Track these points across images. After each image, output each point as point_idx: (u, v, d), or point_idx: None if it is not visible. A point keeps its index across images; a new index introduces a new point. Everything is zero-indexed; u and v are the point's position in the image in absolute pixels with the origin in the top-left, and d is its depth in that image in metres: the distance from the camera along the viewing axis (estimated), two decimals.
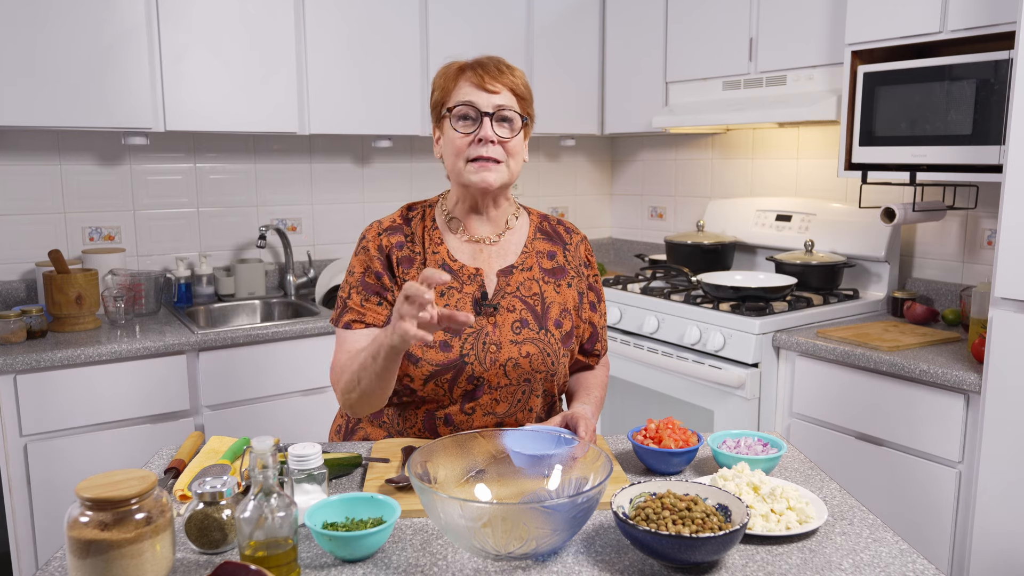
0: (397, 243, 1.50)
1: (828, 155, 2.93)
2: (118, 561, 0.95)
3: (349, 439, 1.59)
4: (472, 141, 1.42)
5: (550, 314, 1.50)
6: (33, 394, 2.23)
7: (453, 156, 1.45)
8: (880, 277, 2.74)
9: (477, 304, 1.46)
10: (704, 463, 1.40)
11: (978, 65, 2.07)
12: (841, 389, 2.26)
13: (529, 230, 1.57)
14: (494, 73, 1.43)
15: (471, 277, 1.48)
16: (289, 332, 2.59)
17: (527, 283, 1.51)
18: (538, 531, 1.00)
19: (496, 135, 1.42)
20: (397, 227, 1.53)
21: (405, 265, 1.49)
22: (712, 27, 2.88)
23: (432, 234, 1.52)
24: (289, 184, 3.18)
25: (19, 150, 2.68)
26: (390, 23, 2.91)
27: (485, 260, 1.51)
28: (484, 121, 1.41)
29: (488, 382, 1.44)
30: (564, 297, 1.53)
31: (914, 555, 1.08)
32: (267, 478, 1.01)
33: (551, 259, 1.56)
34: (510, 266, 1.51)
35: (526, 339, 1.46)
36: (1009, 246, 1.84)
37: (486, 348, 1.43)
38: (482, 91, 1.42)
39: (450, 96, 1.45)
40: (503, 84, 1.43)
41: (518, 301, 1.49)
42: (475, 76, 1.43)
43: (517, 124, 1.45)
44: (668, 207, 3.66)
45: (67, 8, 2.36)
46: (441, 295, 1.46)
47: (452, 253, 1.50)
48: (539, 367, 1.46)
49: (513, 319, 1.47)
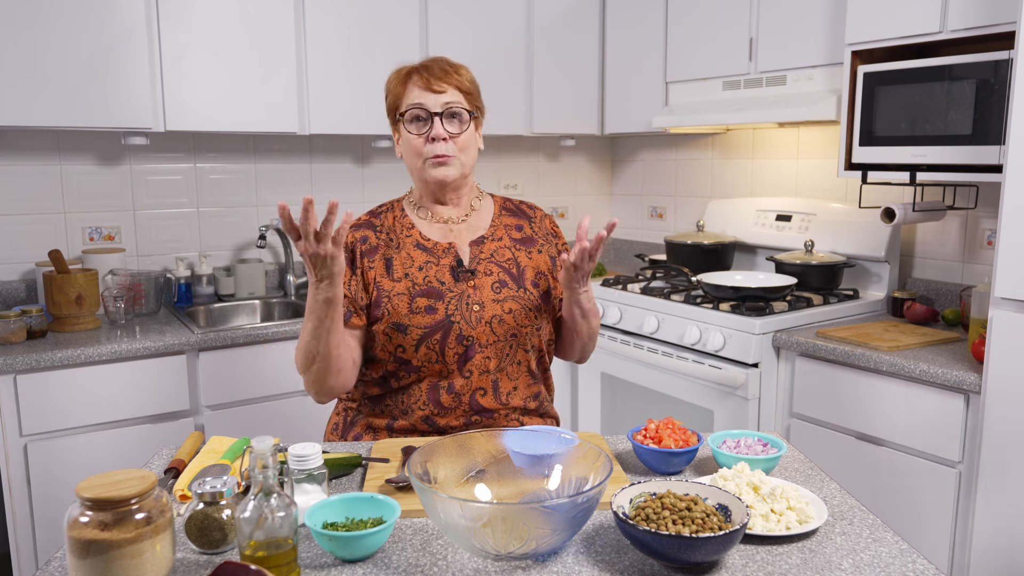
0: (361, 237, 1.59)
1: (828, 155, 2.93)
2: (118, 561, 0.95)
3: (349, 432, 1.60)
4: (426, 140, 1.52)
5: (526, 275, 1.59)
6: (33, 394, 2.23)
7: (412, 156, 1.56)
8: (880, 277, 2.74)
9: (454, 271, 1.56)
10: (704, 463, 1.40)
11: (978, 65, 2.07)
12: (841, 389, 2.26)
13: (495, 208, 1.68)
14: (439, 74, 1.52)
15: (445, 251, 1.58)
16: (289, 332, 2.59)
17: (500, 250, 1.61)
18: (538, 531, 1.00)
19: (447, 132, 1.52)
20: (364, 223, 1.62)
21: (370, 255, 1.57)
22: (712, 27, 2.88)
23: (403, 221, 1.62)
24: (289, 184, 3.18)
25: (19, 150, 2.68)
26: (390, 23, 2.91)
27: (456, 235, 1.61)
28: (435, 120, 1.51)
29: (478, 340, 1.52)
30: (536, 261, 1.62)
31: (914, 555, 1.08)
32: (267, 478, 1.01)
33: (519, 231, 1.66)
34: (480, 237, 1.61)
35: (507, 297, 1.55)
36: (1009, 246, 1.84)
37: (470, 308, 1.53)
38: (429, 92, 1.52)
39: (401, 100, 1.55)
40: (448, 83, 1.53)
41: (494, 266, 1.58)
42: (421, 79, 1.52)
43: (466, 118, 1.54)
44: (668, 207, 3.66)
45: (67, 8, 2.36)
46: (419, 269, 1.55)
47: (424, 234, 1.60)
48: (523, 322, 1.55)
49: (492, 281, 1.57)
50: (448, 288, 1.53)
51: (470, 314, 1.51)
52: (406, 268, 1.55)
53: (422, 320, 1.50)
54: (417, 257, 1.56)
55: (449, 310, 1.51)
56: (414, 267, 1.55)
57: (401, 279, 1.53)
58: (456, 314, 1.51)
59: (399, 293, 1.52)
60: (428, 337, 1.49)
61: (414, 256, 1.56)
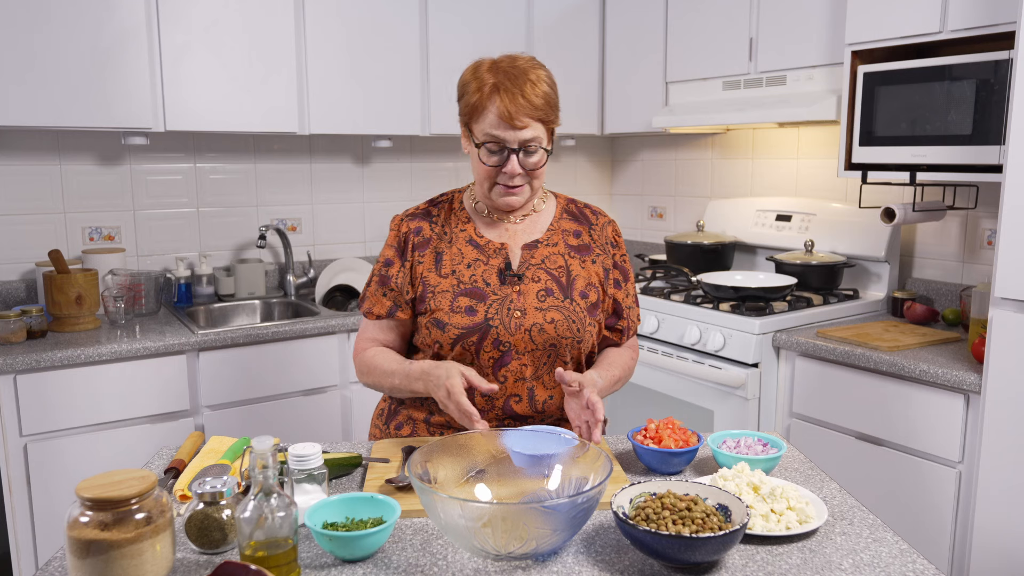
0: (415, 228, 1.57)
1: (828, 155, 2.93)
2: (118, 561, 0.95)
3: (392, 420, 1.61)
4: (498, 171, 1.48)
5: (575, 285, 1.54)
6: (33, 394, 2.23)
7: (480, 177, 1.52)
8: (880, 277, 2.74)
9: (501, 274, 1.52)
10: (704, 463, 1.40)
11: (978, 65, 2.07)
12: (841, 389, 2.26)
13: (556, 211, 1.63)
14: (520, 105, 1.42)
15: (496, 251, 1.55)
16: (289, 332, 2.60)
17: (552, 257, 1.56)
18: (538, 531, 1.00)
19: (522, 168, 1.47)
20: (420, 213, 1.60)
21: (421, 248, 1.56)
22: (712, 27, 2.88)
23: (460, 214, 1.59)
24: (289, 184, 3.18)
25: (19, 150, 2.68)
26: (390, 23, 2.91)
27: (511, 236, 1.57)
28: (511, 158, 1.46)
29: (515, 347, 1.49)
30: (589, 272, 1.57)
31: (914, 555, 1.08)
32: (267, 478, 1.01)
33: (577, 237, 1.60)
34: (535, 240, 1.57)
35: (551, 306, 1.51)
36: (1009, 246, 1.84)
37: (511, 314, 1.49)
38: (509, 128, 1.43)
39: (478, 117, 1.46)
40: (531, 117, 1.44)
41: (543, 272, 1.54)
42: (503, 107, 1.42)
43: (543, 155, 1.49)
44: (668, 207, 3.66)
45: (67, 8, 2.36)
46: (468, 267, 1.53)
47: (479, 230, 1.57)
48: (565, 333, 1.50)
49: (538, 288, 1.52)
50: (492, 291, 1.51)
51: (510, 320, 1.48)
52: (455, 264, 1.53)
53: (461, 320, 1.48)
54: (468, 254, 1.54)
55: (489, 313, 1.48)
56: (463, 264, 1.53)
57: (448, 275, 1.52)
58: (495, 318, 1.48)
59: (443, 290, 1.51)
60: (464, 338, 1.48)
61: (464, 252, 1.54)
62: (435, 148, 3.46)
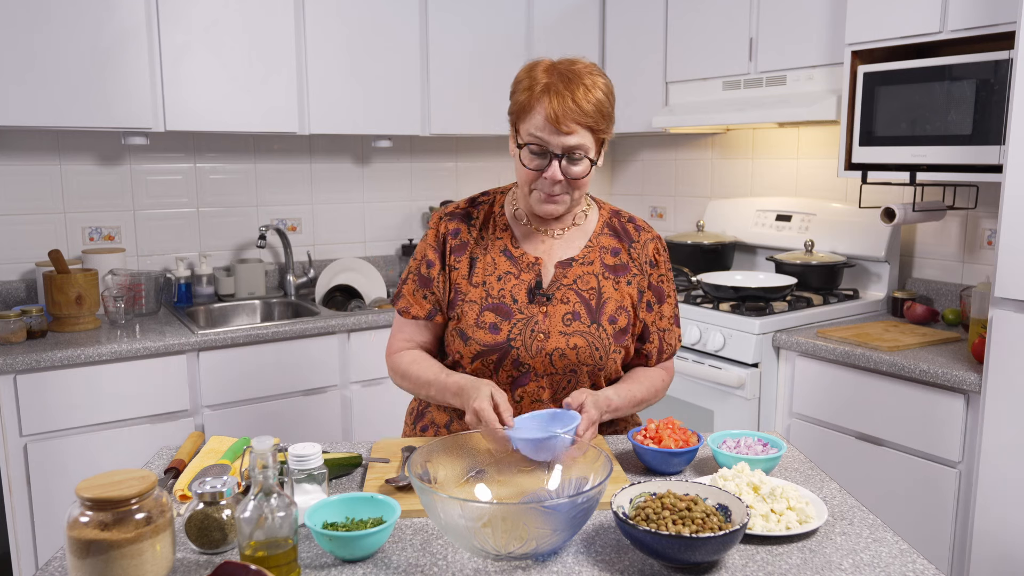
0: (453, 230, 1.53)
1: (828, 155, 2.93)
2: (118, 561, 0.95)
3: (419, 421, 1.60)
4: (540, 175, 1.42)
5: (605, 309, 1.49)
6: (33, 394, 2.23)
7: (521, 180, 1.47)
8: (880, 277, 2.74)
9: (531, 292, 1.48)
10: (704, 463, 1.40)
11: (978, 65, 2.07)
12: (841, 389, 2.26)
13: (597, 225, 1.56)
14: (569, 109, 1.36)
15: (529, 265, 1.50)
16: (289, 332, 2.60)
17: (585, 277, 1.50)
18: (538, 531, 1.00)
19: (563, 176, 1.40)
20: (459, 212, 1.56)
21: (458, 253, 1.52)
22: (712, 27, 2.88)
23: (498, 220, 1.55)
24: (289, 184, 3.18)
25: (19, 150, 2.68)
26: (390, 23, 2.91)
27: (547, 250, 1.52)
28: (553, 163, 1.39)
29: (534, 370, 1.46)
30: (622, 294, 1.51)
31: (914, 555, 1.08)
32: (267, 478, 1.01)
33: (615, 256, 1.54)
34: (570, 258, 1.51)
35: (576, 331, 1.46)
36: (1009, 246, 1.84)
37: (533, 336, 1.45)
38: (556, 131, 1.37)
39: (526, 117, 1.41)
40: (580, 124, 1.37)
41: (573, 294, 1.49)
42: (551, 108, 1.36)
43: (587, 166, 1.42)
44: (668, 207, 3.66)
45: (67, 8, 2.36)
46: (498, 279, 1.49)
47: (515, 241, 1.53)
48: (586, 360, 1.46)
49: (565, 311, 1.47)
50: (519, 308, 1.46)
51: (532, 342, 1.44)
52: (486, 274, 1.49)
53: (483, 337, 1.45)
54: (501, 265, 1.50)
55: (512, 334, 1.45)
56: (494, 275, 1.49)
57: (478, 285, 1.49)
58: (518, 339, 1.44)
59: (472, 300, 1.48)
60: (484, 355, 1.45)
61: (498, 263, 1.50)
62: (435, 148, 3.46)
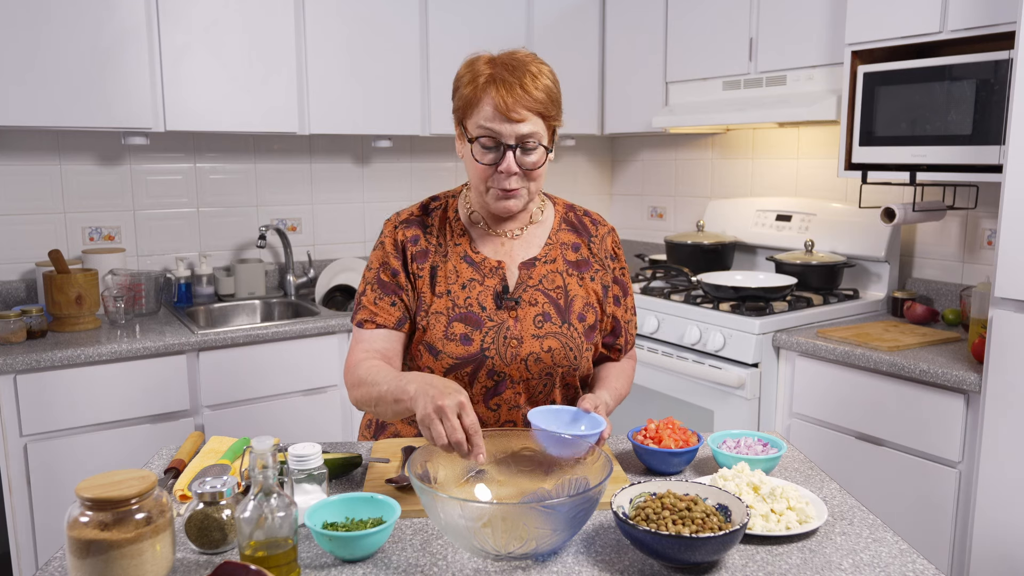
0: (412, 237, 1.48)
1: (828, 155, 2.93)
2: (118, 561, 0.95)
3: (380, 435, 1.56)
4: (494, 170, 1.37)
5: (573, 307, 1.47)
6: (33, 394, 2.23)
7: (474, 178, 1.42)
8: (880, 277, 2.74)
9: (498, 297, 1.44)
10: (704, 463, 1.40)
11: (978, 65, 2.07)
12: (841, 389, 2.26)
13: (554, 221, 1.54)
14: (519, 96, 1.33)
15: (493, 270, 1.46)
16: (289, 332, 2.59)
17: (550, 276, 1.48)
18: (538, 531, 1.00)
19: (518, 168, 1.37)
20: (415, 219, 1.50)
21: (419, 260, 1.46)
22: (712, 27, 2.88)
23: (455, 225, 1.50)
24: (289, 184, 3.18)
25: (19, 150, 2.68)
26: (390, 23, 2.91)
27: (507, 253, 1.49)
28: (507, 155, 1.35)
29: (510, 377, 1.43)
30: (587, 290, 1.50)
31: (914, 555, 1.08)
32: (267, 478, 1.01)
33: (575, 251, 1.52)
34: (532, 258, 1.48)
35: (548, 333, 1.44)
36: (1009, 246, 1.84)
37: (507, 343, 1.42)
38: (506, 120, 1.33)
39: (473, 111, 1.37)
40: (529, 110, 1.34)
41: (540, 295, 1.46)
42: (499, 98, 1.33)
43: (542, 155, 1.38)
44: (668, 207, 3.66)
45: (67, 8, 2.36)
46: (463, 288, 1.44)
47: (474, 245, 1.48)
48: (561, 362, 1.44)
49: (535, 313, 1.44)
50: (488, 316, 1.42)
51: (506, 349, 1.41)
52: (449, 283, 1.44)
53: (455, 350, 1.40)
54: (463, 272, 1.45)
55: (485, 343, 1.41)
56: (457, 284, 1.44)
57: (442, 295, 1.44)
58: (491, 348, 1.41)
59: (437, 311, 1.43)
60: (458, 368, 1.41)
61: (460, 270, 1.45)
62: (435, 148, 3.46)
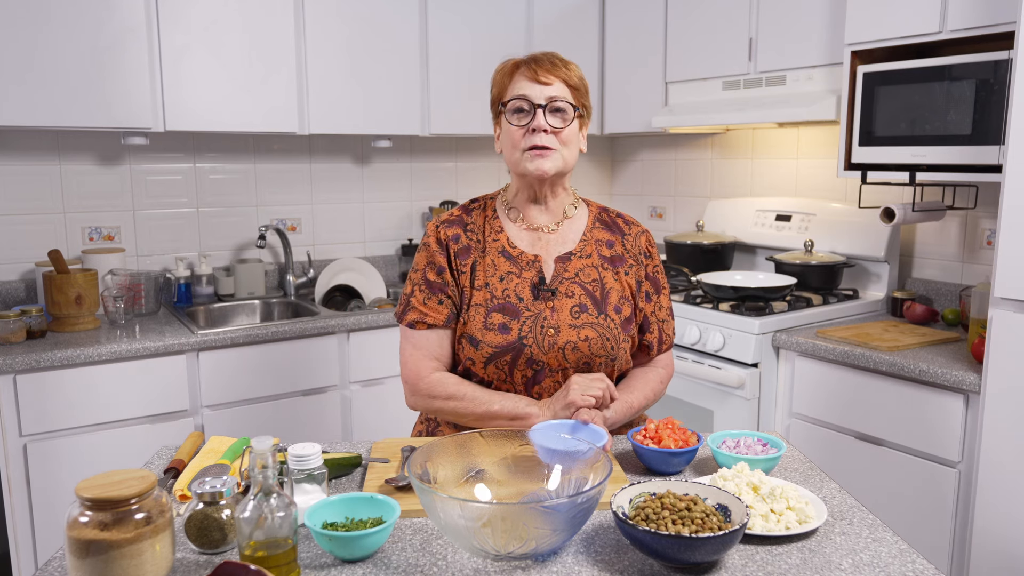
0: (454, 235, 1.55)
1: (828, 155, 2.93)
2: (118, 561, 0.95)
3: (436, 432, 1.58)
4: (526, 131, 1.48)
5: (610, 299, 1.53)
6: (33, 394, 2.23)
7: (510, 147, 1.51)
8: (880, 277, 2.74)
9: (535, 288, 1.50)
10: (704, 463, 1.40)
11: (978, 65, 2.07)
12: (841, 389, 2.26)
13: (588, 219, 1.61)
14: (547, 66, 1.48)
15: (529, 263, 1.53)
16: (289, 332, 2.59)
17: (586, 269, 1.54)
18: (538, 531, 1.00)
19: (549, 124, 1.47)
20: (455, 219, 1.58)
21: (462, 256, 1.53)
22: (712, 27, 2.88)
23: (492, 223, 1.57)
24: (289, 184, 3.18)
25: (19, 150, 2.68)
26: (390, 23, 2.91)
27: (544, 247, 1.55)
28: (537, 112, 1.47)
29: (548, 365, 1.47)
30: (622, 284, 1.55)
31: (914, 555, 1.08)
32: (267, 478, 1.01)
33: (610, 247, 1.58)
34: (568, 252, 1.55)
35: (585, 323, 1.49)
36: (1009, 246, 1.84)
37: (544, 332, 1.47)
38: (535, 84, 1.47)
39: (506, 91, 1.51)
40: (556, 76, 1.48)
41: (577, 287, 1.52)
42: (528, 71, 1.48)
43: (570, 114, 1.49)
44: (668, 207, 3.66)
45: (67, 8, 2.36)
46: (501, 280, 1.50)
47: (512, 240, 1.55)
48: (599, 351, 1.49)
49: (572, 304, 1.50)
50: (526, 306, 1.48)
51: (543, 338, 1.46)
52: (488, 276, 1.51)
53: (494, 339, 1.46)
54: (501, 265, 1.52)
55: (523, 332, 1.46)
56: (495, 276, 1.51)
57: (481, 288, 1.50)
58: (529, 337, 1.46)
59: (476, 304, 1.49)
60: (498, 357, 1.46)
61: (498, 264, 1.52)
62: (435, 148, 3.46)
